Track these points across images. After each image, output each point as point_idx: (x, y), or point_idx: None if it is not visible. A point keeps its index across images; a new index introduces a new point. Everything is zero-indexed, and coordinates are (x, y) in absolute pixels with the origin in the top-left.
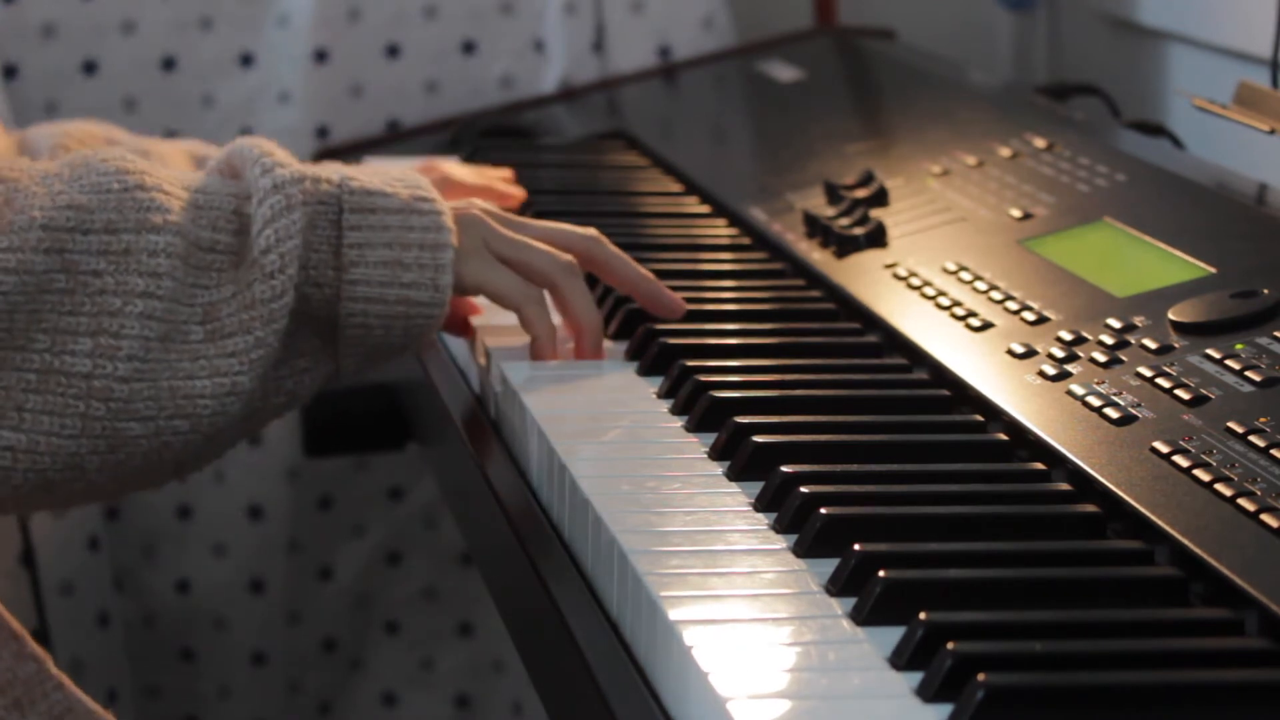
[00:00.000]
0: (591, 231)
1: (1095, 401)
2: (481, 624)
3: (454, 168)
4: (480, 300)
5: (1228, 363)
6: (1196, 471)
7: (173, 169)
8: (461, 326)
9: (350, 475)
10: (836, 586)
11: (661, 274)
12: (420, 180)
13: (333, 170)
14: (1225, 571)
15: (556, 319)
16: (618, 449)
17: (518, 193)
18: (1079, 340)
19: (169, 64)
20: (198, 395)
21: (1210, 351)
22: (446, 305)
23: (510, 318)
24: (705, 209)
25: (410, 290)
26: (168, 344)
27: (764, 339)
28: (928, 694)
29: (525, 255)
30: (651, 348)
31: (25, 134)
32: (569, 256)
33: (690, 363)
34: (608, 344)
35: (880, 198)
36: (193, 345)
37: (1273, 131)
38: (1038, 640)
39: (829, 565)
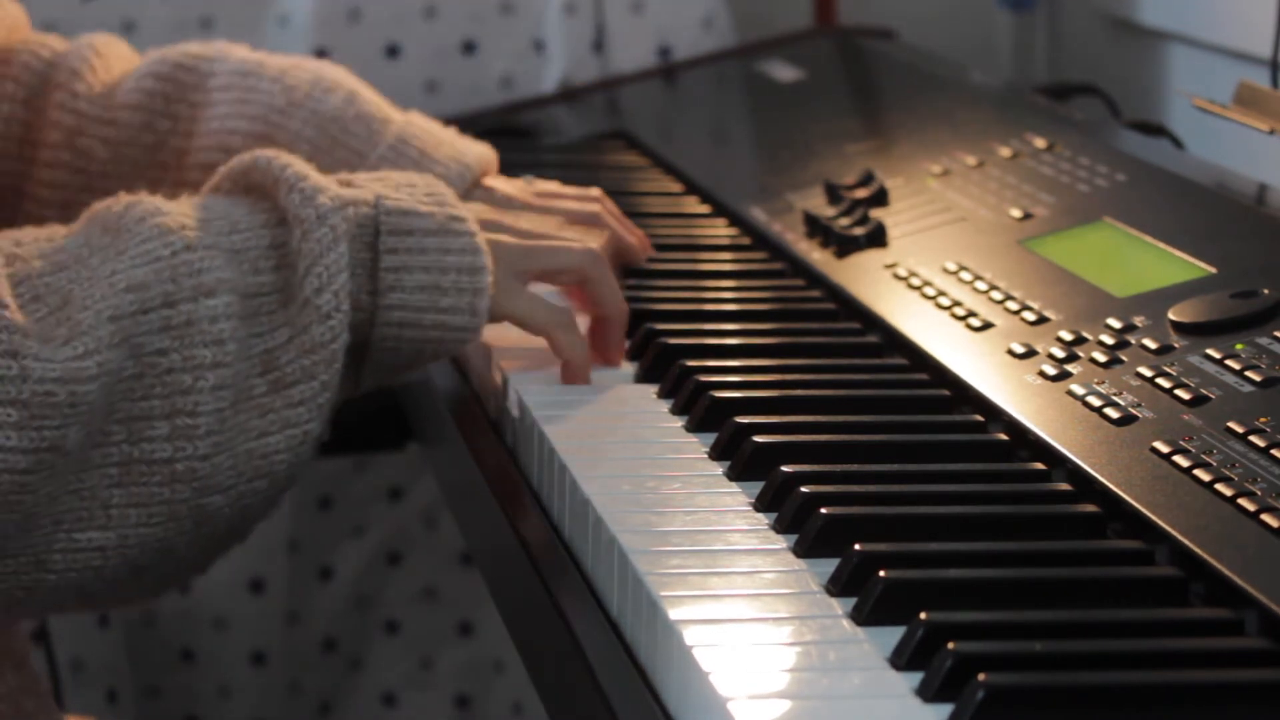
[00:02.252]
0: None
1: (1095, 401)
2: (481, 624)
3: (510, 187)
4: None
5: (1228, 363)
6: (1196, 471)
7: (188, 200)
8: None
9: (350, 475)
10: (837, 586)
11: (661, 274)
12: (446, 195)
13: (364, 185)
14: (1225, 571)
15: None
16: (618, 449)
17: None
18: (1079, 340)
19: None
20: (274, 452)
21: (1210, 351)
22: (481, 330)
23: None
24: (705, 209)
25: (447, 315)
26: (238, 406)
27: (764, 339)
28: (928, 694)
29: (548, 262)
30: (651, 348)
31: (136, 66)
32: (592, 243)
33: (690, 363)
34: None
35: (880, 198)
36: (259, 400)
37: (1273, 131)
38: (1038, 640)
39: (829, 565)
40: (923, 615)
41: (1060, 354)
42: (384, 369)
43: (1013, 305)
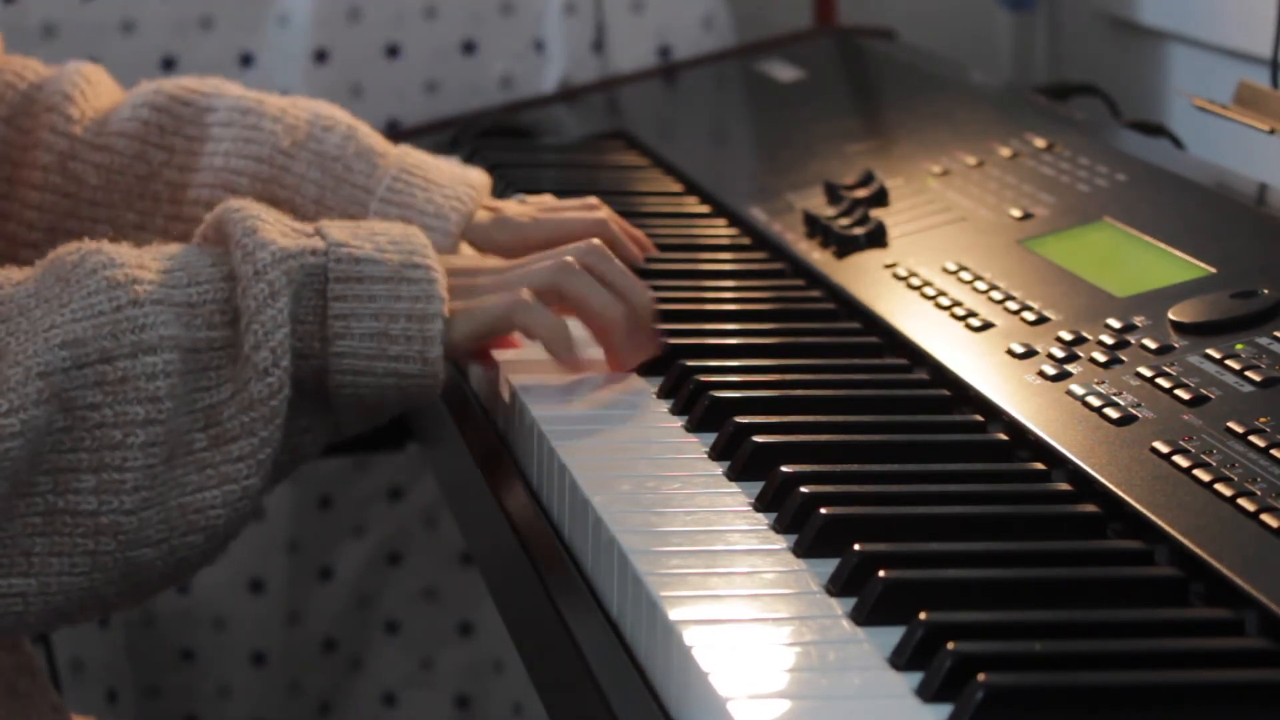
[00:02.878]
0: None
1: (1095, 401)
2: (481, 624)
3: (513, 207)
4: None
5: (1228, 363)
6: (1196, 471)
7: (158, 248)
8: (485, 361)
9: (350, 475)
10: (836, 586)
11: (662, 274)
12: (417, 243)
13: (325, 235)
14: (1225, 571)
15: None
16: (618, 449)
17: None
18: (1079, 340)
19: (169, 64)
20: (209, 507)
21: (1210, 351)
22: (439, 376)
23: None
24: (705, 209)
25: (398, 363)
26: (173, 461)
27: (764, 339)
28: (928, 694)
29: (522, 280)
30: None
31: (130, 92)
32: (567, 259)
33: (690, 363)
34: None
35: (880, 198)
36: (198, 455)
37: (1273, 131)
38: (1038, 640)
39: (829, 565)
40: (922, 615)
41: (1060, 354)
42: (358, 413)
43: (1013, 305)
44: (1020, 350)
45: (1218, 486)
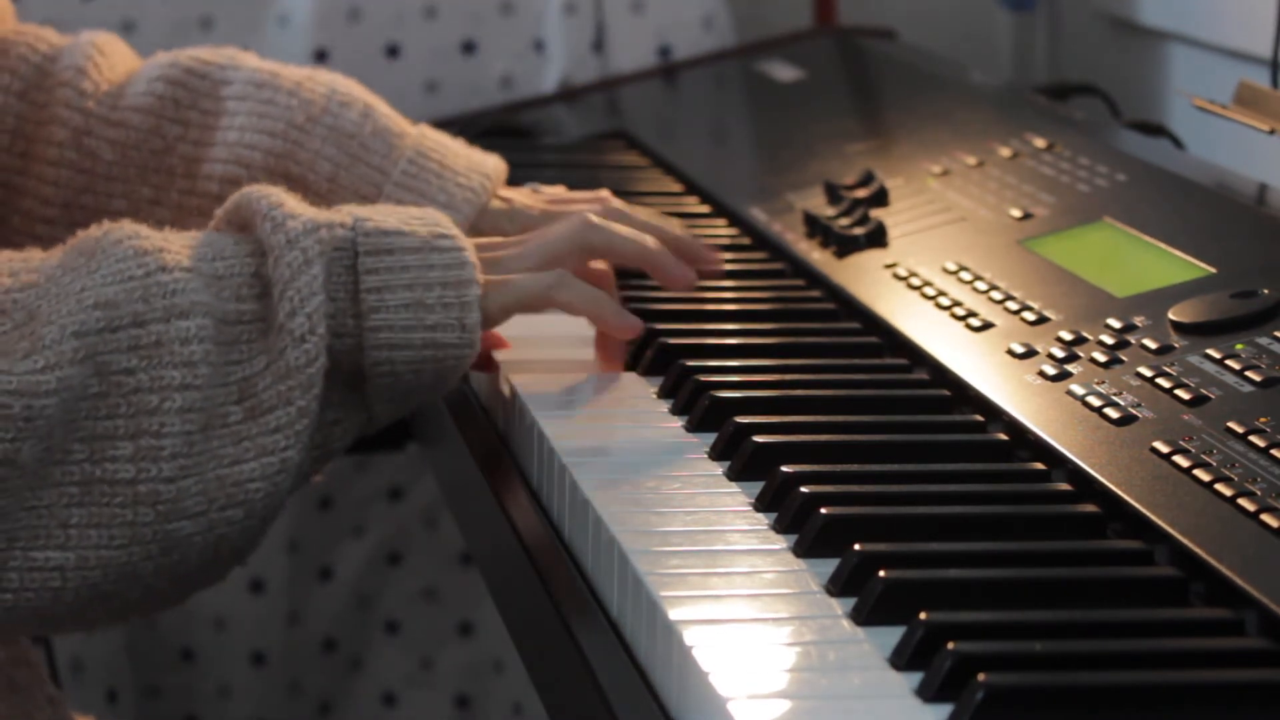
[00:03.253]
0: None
1: (1095, 401)
2: (481, 624)
3: (524, 197)
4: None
5: (1228, 363)
6: (1196, 471)
7: (178, 233)
8: (485, 362)
9: (350, 475)
10: (836, 586)
11: None
12: (439, 217)
13: (347, 211)
14: (1225, 571)
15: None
16: (618, 449)
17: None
18: (1079, 340)
19: None
20: (247, 480)
21: (1210, 351)
22: (477, 345)
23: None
24: (705, 209)
25: (436, 332)
26: (209, 432)
27: (764, 339)
28: (928, 694)
29: (546, 246)
30: (652, 347)
31: (145, 63)
32: (554, 273)
33: (690, 363)
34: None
35: (880, 198)
36: (234, 428)
37: (1273, 131)
38: (1038, 640)
39: (829, 565)
40: (922, 615)
41: (1060, 354)
42: (390, 397)
43: (1013, 305)
44: (1020, 350)
45: (1218, 486)
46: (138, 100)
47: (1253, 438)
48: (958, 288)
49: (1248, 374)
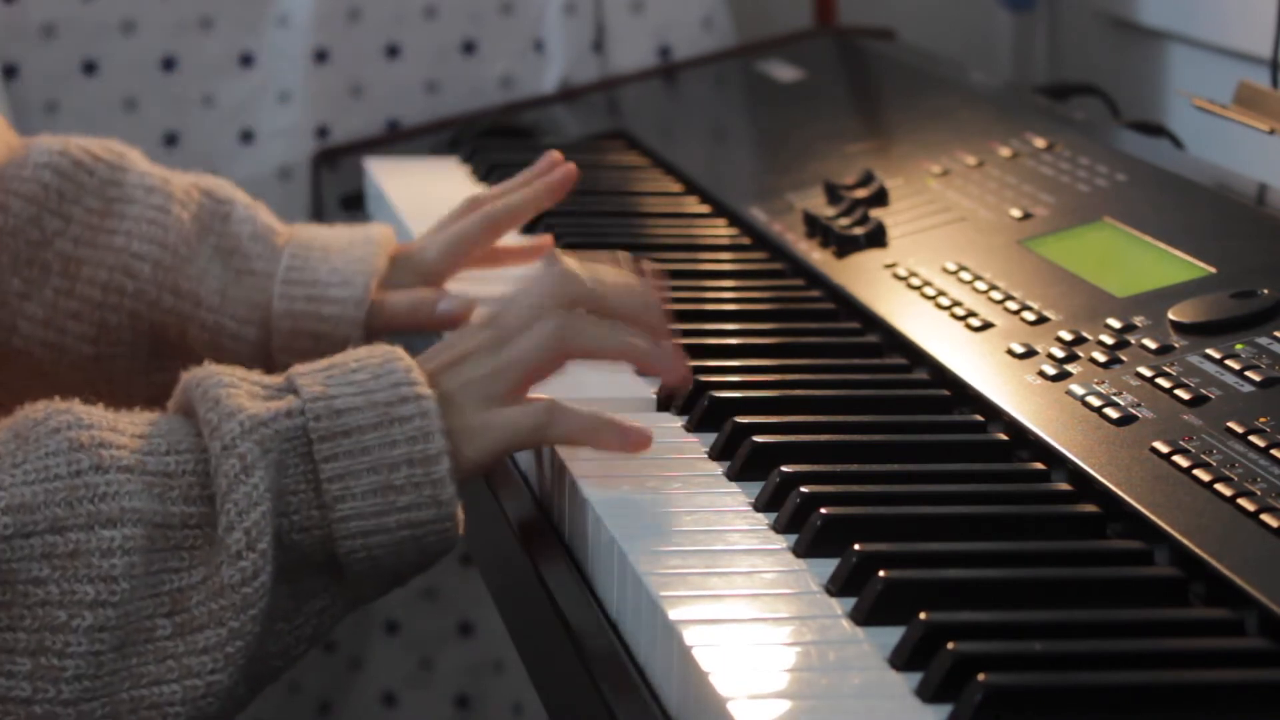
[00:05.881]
0: (560, 273)
1: (1095, 401)
2: (481, 624)
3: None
4: None
5: (1228, 363)
6: (1196, 471)
7: (137, 415)
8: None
9: None
10: (836, 586)
11: (662, 274)
12: (399, 369)
13: (294, 388)
14: (1225, 571)
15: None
16: None
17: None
18: (1079, 340)
19: (169, 64)
20: (166, 702)
21: (1210, 351)
22: (456, 515)
23: None
24: (705, 209)
25: (410, 513)
26: (126, 650)
27: (764, 339)
28: (927, 694)
29: (518, 372)
30: None
31: (30, 144)
32: (549, 322)
33: (690, 363)
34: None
35: (880, 198)
36: (159, 644)
37: (1273, 131)
38: (1038, 640)
39: (829, 565)
40: (922, 615)
41: (1060, 354)
42: (377, 578)
43: (1013, 305)
44: (1020, 350)
45: (1218, 486)
46: (20, 186)
47: (1253, 438)
48: (958, 288)
49: (1248, 374)
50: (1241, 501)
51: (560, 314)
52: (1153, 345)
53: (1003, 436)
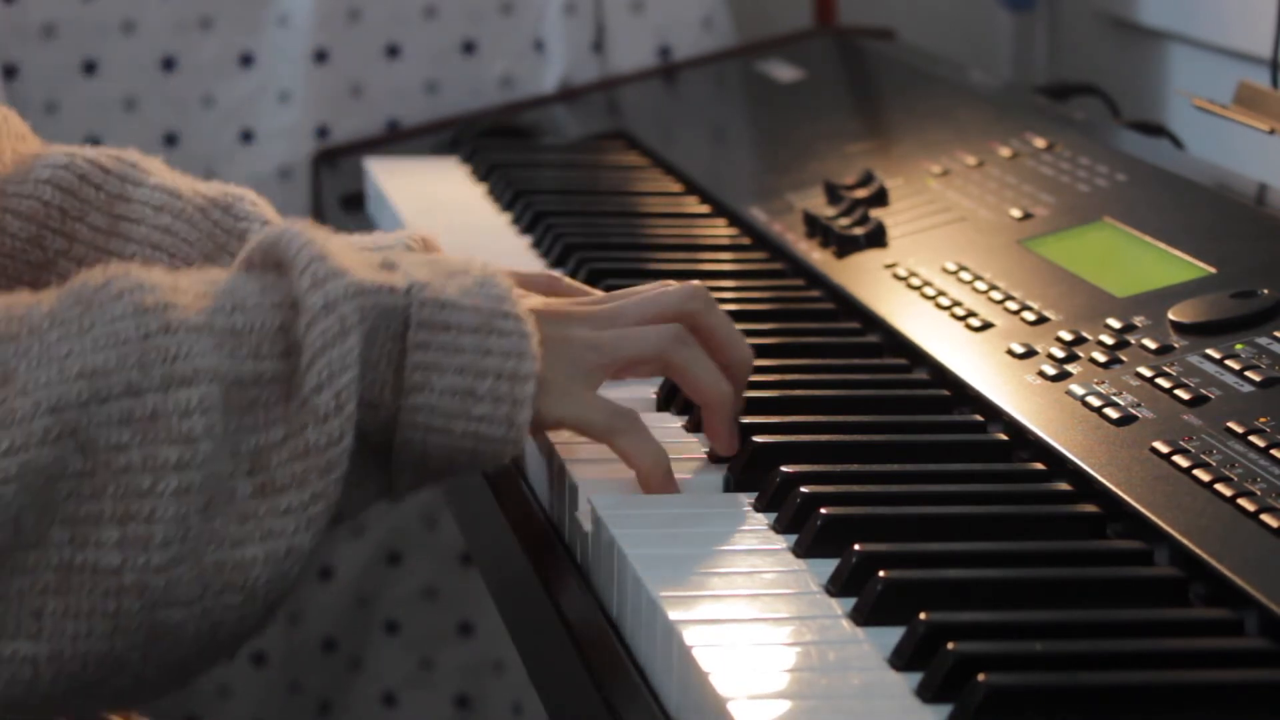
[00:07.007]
0: (692, 287)
1: (1095, 401)
2: (481, 624)
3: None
4: None
5: (1228, 363)
6: (1196, 471)
7: (197, 274)
8: None
9: None
10: (836, 586)
11: (661, 274)
12: (503, 288)
13: (402, 271)
14: (1225, 571)
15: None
16: None
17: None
18: (1079, 340)
19: (169, 64)
20: (249, 564)
21: (1210, 351)
22: (522, 444)
23: None
24: (705, 209)
25: (481, 425)
26: (210, 512)
27: (764, 339)
28: (928, 694)
29: (617, 353)
30: None
31: (38, 156)
32: (673, 326)
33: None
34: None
35: (880, 198)
36: (240, 505)
37: (1273, 131)
38: (1038, 640)
39: (829, 565)
40: (922, 615)
41: (1060, 354)
42: (416, 475)
43: (1013, 305)
44: (1020, 350)
45: (1218, 486)
46: (20, 203)
47: (1253, 438)
48: (958, 288)
49: (1247, 374)
50: (1241, 501)
51: (682, 331)
52: (1153, 345)
53: (1003, 436)
